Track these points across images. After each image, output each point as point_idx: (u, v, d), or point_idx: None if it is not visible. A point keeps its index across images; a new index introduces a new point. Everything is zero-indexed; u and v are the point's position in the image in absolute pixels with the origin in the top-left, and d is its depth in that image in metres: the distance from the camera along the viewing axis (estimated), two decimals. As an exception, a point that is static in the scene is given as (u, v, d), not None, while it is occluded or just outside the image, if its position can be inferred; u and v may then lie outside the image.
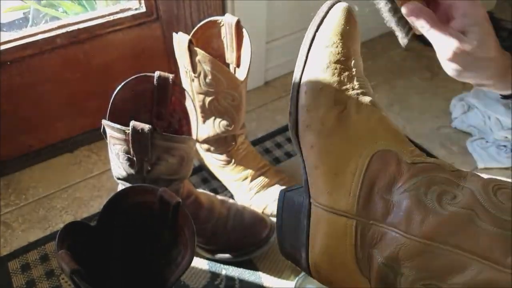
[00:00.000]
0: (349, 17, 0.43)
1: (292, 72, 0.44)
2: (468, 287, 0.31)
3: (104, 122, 0.58)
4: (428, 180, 0.36)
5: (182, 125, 0.67)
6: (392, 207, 0.37)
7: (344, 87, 0.41)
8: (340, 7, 0.43)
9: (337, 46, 0.41)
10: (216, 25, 0.73)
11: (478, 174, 0.37)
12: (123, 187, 0.62)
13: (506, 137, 0.96)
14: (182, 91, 0.64)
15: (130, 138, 0.56)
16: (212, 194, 0.78)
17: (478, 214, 0.33)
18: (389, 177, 0.37)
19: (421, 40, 1.26)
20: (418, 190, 0.36)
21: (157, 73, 0.63)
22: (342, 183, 0.39)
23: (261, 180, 0.82)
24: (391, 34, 0.51)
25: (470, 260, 0.32)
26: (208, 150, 0.84)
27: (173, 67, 0.98)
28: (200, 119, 0.78)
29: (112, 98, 0.61)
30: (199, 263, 0.74)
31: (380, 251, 0.36)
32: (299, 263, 0.43)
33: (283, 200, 0.44)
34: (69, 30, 0.82)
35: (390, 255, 0.35)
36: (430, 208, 0.35)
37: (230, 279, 0.72)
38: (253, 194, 0.81)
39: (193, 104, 0.64)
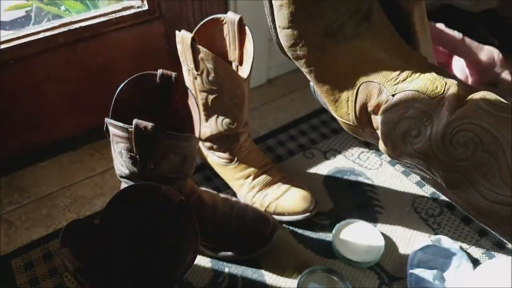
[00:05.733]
0: None
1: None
2: None
3: (107, 120, 0.58)
4: (399, 114, 0.38)
5: (185, 123, 0.67)
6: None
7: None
8: None
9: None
10: (218, 23, 0.73)
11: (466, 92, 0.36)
12: (126, 185, 0.62)
13: None
14: (185, 89, 0.64)
15: (133, 136, 0.56)
16: (215, 192, 0.78)
17: (430, 162, 0.36)
18: (371, 108, 0.40)
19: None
20: (389, 124, 0.38)
21: (160, 71, 0.63)
22: (341, 107, 0.42)
23: (264, 178, 0.81)
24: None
25: None
26: (211, 148, 0.84)
27: (176, 65, 0.98)
28: (203, 117, 0.78)
29: (115, 96, 0.61)
30: (202, 261, 0.74)
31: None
32: None
33: None
34: (71, 28, 0.82)
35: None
36: (396, 144, 0.38)
37: (233, 277, 0.72)
38: (255, 192, 0.81)
39: (196, 102, 0.64)
